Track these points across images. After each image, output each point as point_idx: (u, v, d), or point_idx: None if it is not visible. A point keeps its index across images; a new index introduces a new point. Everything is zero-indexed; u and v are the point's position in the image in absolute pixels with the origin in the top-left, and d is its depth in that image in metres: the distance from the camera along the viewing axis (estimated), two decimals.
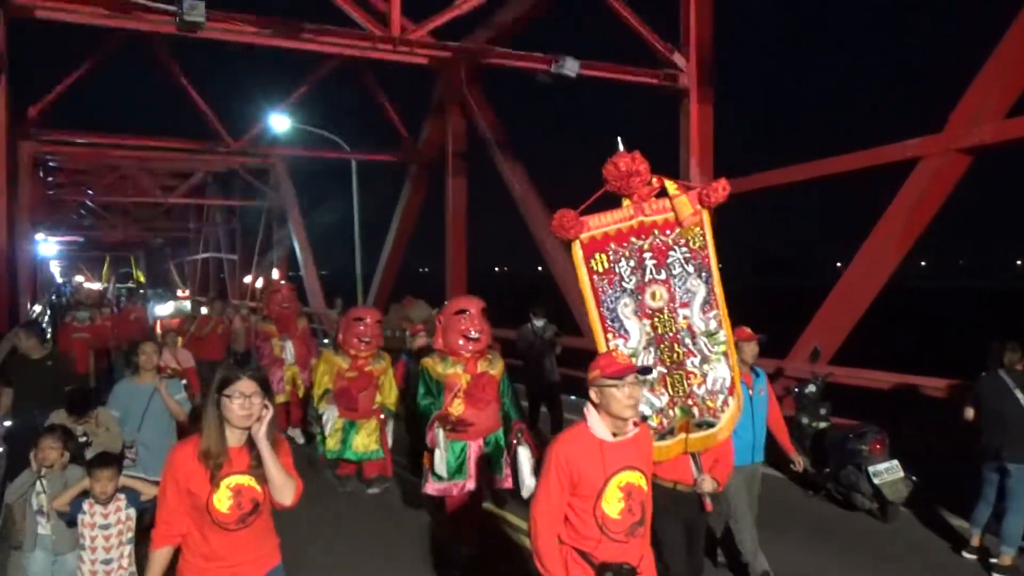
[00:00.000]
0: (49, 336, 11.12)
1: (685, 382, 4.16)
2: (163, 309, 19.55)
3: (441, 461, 5.67)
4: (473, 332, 5.85)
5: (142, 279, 50.55)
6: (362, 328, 7.62)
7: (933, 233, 9.21)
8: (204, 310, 13.51)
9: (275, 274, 28.44)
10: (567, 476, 3.19)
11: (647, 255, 4.14)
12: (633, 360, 3.80)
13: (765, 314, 8.89)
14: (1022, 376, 5.97)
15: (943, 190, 8.45)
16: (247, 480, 3.06)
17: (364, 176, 21.33)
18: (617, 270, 4.11)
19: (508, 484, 6.01)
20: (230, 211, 36.79)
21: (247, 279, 31.91)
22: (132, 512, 4.53)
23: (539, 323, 9.65)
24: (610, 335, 4.08)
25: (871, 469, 6.88)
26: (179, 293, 28.65)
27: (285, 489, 3.07)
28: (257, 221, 32.26)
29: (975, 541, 6.11)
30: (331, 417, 7.41)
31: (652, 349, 4.14)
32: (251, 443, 3.06)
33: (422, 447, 6.00)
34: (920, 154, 8.34)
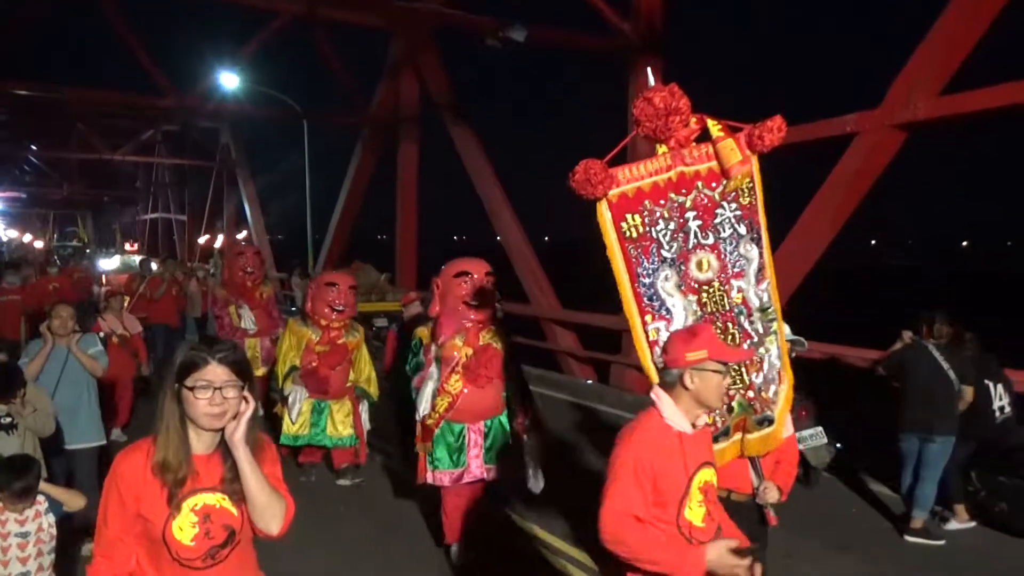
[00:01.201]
0: None
1: (743, 371, 3.44)
2: (109, 264, 18.92)
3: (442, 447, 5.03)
4: (476, 298, 5.00)
5: (86, 238, 49.34)
6: (334, 294, 6.57)
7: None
8: (155, 267, 12.43)
9: (241, 235, 27.42)
10: (649, 480, 2.64)
11: (690, 215, 3.38)
12: None
13: None
14: (948, 349, 6.00)
15: (878, 165, 8.60)
16: (218, 500, 2.24)
17: (319, 142, 21.08)
18: (654, 235, 3.34)
19: (490, 475, 5.14)
20: (180, 171, 36.13)
21: (202, 239, 31.31)
22: (52, 519, 3.80)
23: None
24: (648, 317, 3.34)
25: (796, 435, 7.02)
26: (127, 247, 27.63)
27: (270, 511, 2.25)
28: (207, 182, 31.77)
29: (916, 523, 5.97)
30: (299, 398, 6.46)
31: None
32: (225, 449, 2.23)
33: (412, 430, 5.26)
34: (857, 129, 8.45)
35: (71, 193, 43.66)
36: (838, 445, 7.18)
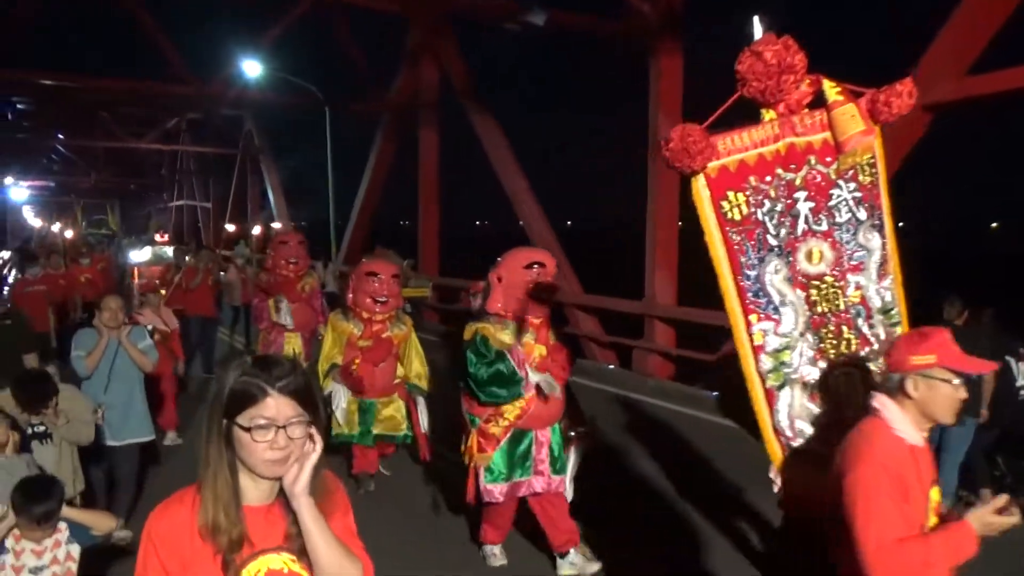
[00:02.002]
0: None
1: None
2: (139, 255, 18.89)
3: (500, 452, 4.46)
4: (546, 292, 4.48)
5: (115, 227, 49.93)
6: (376, 285, 5.99)
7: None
8: (189, 259, 12.34)
9: (276, 224, 27.17)
10: (902, 496, 2.24)
11: (800, 195, 2.88)
12: (786, 356, 2.80)
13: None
14: (961, 331, 5.88)
15: (904, 147, 8.48)
16: (285, 562, 1.74)
17: (341, 129, 21.12)
18: (760, 217, 2.85)
19: (562, 488, 4.64)
20: (204, 159, 36.41)
21: (229, 227, 31.46)
22: (75, 550, 3.30)
23: None
24: (754, 317, 2.86)
25: None
26: (157, 238, 27.57)
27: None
28: (231, 169, 31.99)
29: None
30: (341, 398, 5.97)
31: (810, 336, 2.90)
32: (285, 498, 1.74)
33: (465, 434, 4.70)
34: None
35: (98, 182, 44.12)
36: None
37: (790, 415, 2.92)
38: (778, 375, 2.90)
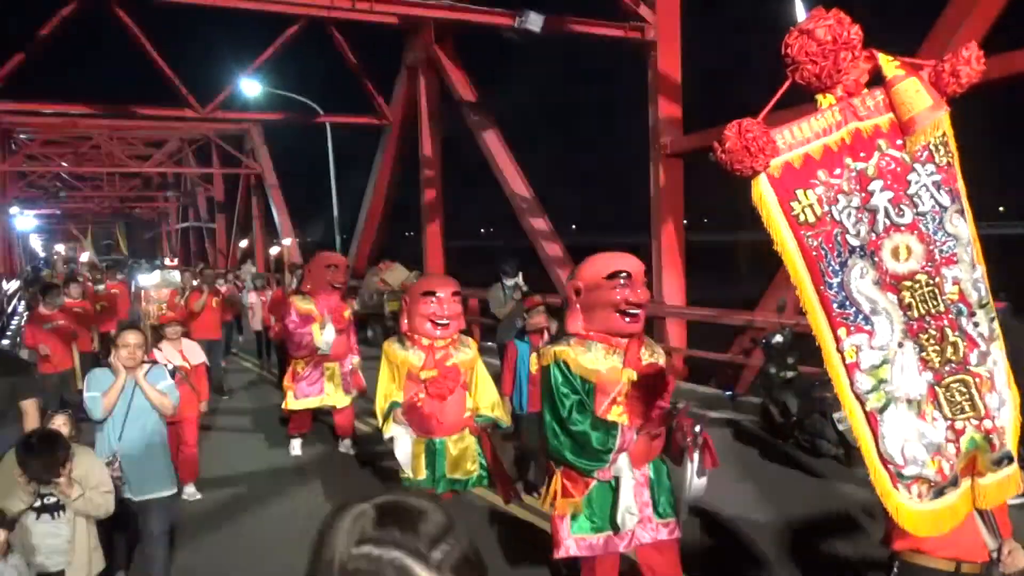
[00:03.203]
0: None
1: (974, 392, 2.62)
2: (148, 279, 18.93)
3: (629, 498, 3.69)
4: (634, 305, 3.80)
5: (125, 250, 50.07)
6: (435, 306, 5.10)
7: None
8: (195, 282, 12.22)
9: (287, 241, 26.45)
10: None
11: (876, 185, 2.58)
12: (885, 371, 2.52)
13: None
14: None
15: None
16: None
17: (343, 143, 21.16)
18: (836, 216, 2.56)
19: (674, 533, 3.87)
20: (208, 180, 36.49)
21: (243, 243, 31.38)
22: None
23: (510, 282, 9.23)
24: (843, 331, 2.55)
25: (836, 416, 6.95)
26: (166, 261, 27.43)
27: None
28: (235, 188, 32.06)
29: None
30: (407, 441, 5.08)
31: (910, 345, 2.59)
32: None
33: (545, 473, 4.08)
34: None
35: (103, 207, 44.27)
36: None
37: (899, 439, 2.59)
38: (879, 395, 2.57)
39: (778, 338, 8.29)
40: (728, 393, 9.03)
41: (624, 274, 3.77)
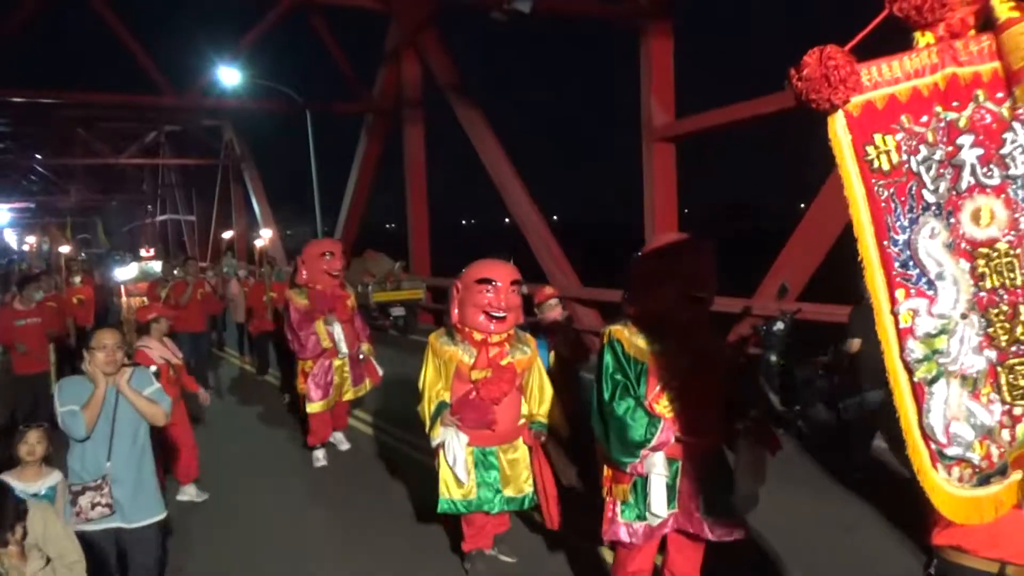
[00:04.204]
0: None
1: None
2: (125, 273, 18.43)
3: (660, 496, 3.47)
4: (697, 286, 3.51)
5: (106, 243, 49.40)
6: (490, 296, 4.43)
7: None
8: (177, 272, 11.83)
9: (267, 233, 25.72)
10: None
11: (965, 140, 2.33)
12: (942, 342, 2.32)
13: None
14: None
15: None
16: None
17: (325, 132, 20.78)
18: (914, 167, 2.33)
19: (733, 535, 3.63)
20: (185, 171, 35.98)
21: (226, 235, 30.86)
22: None
23: None
24: (900, 292, 2.34)
25: (841, 405, 6.76)
26: (143, 252, 26.85)
27: None
28: (213, 180, 31.59)
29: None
30: (459, 450, 4.42)
31: (975, 319, 2.38)
32: None
33: (592, 472, 3.86)
34: None
35: (79, 200, 43.55)
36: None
37: (945, 416, 2.38)
38: (930, 365, 2.37)
39: (779, 325, 8.08)
40: (730, 380, 8.80)
41: (686, 254, 3.59)
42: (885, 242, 2.33)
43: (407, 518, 5.68)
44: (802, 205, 9.60)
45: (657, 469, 3.44)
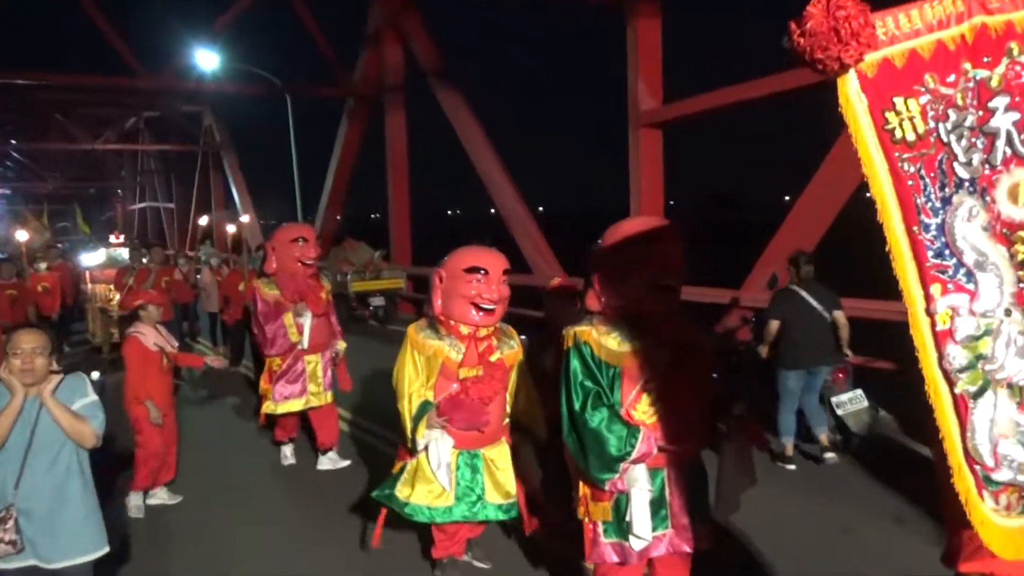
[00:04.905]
0: None
1: None
2: (92, 259, 17.93)
3: (643, 515, 3.10)
4: (670, 277, 3.15)
5: (87, 230, 48.57)
6: (481, 285, 4.03)
7: None
8: (145, 260, 11.41)
9: (244, 218, 24.93)
10: None
11: (999, 101, 1.97)
12: (985, 345, 1.99)
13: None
14: (813, 286, 6.19)
15: None
16: None
17: (305, 118, 20.37)
18: (943, 136, 1.98)
19: (708, 543, 3.31)
20: (164, 158, 35.39)
21: (202, 221, 30.20)
22: None
23: None
24: (937, 287, 1.99)
25: (834, 400, 6.48)
26: (112, 239, 26.22)
27: None
28: (193, 167, 31.05)
29: (790, 450, 6.32)
30: (444, 453, 4.02)
31: (1018, 315, 2.03)
32: None
33: (575, 480, 3.36)
34: None
35: (57, 187, 42.88)
36: (878, 408, 6.67)
37: (992, 434, 2.03)
38: (975, 375, 2.03)
39: None
40: (712, 376, 8.52)
41: (658, 239, 3.14)
42: (915, 228, 1.97)
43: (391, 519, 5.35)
44: (787, 198, 9.34)
45: (639, 484, 3.07)
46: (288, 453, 6.62)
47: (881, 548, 4.75)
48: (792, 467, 6.22)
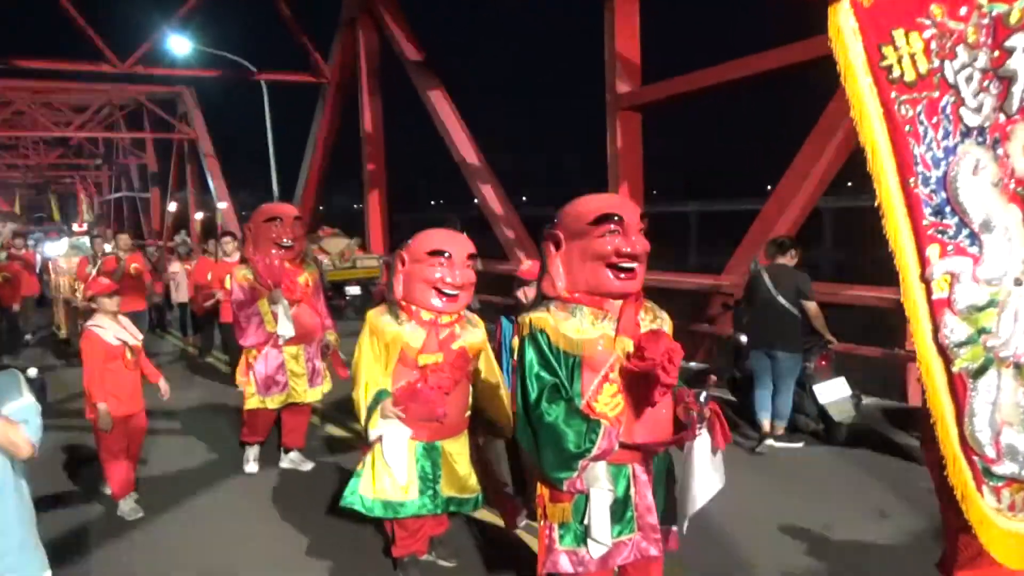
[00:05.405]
0: None
1: None
2: (54, 248, 17.46)
3: (602, 517, 2.87)
4: (630, 256, 2.88)
5: (57, 218, 47.91)
6: (443, 271, 3.82)
7: None
8: (108, 248, 11.01)
9: (222, 205, 23.77)
10: None
11: (1017, 40, 1.75)
12: (990, 318, 1.77)
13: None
14: (779, 270, 6.20)
15: None
16: None
17: (281, 105, 20.02)
18: (949, 77, 1.76)
19: (674, 543, 3.10)
20: (140, 146, 34.83)
21: (171, 207, 29.51)
22: None
23: None
24: (935, 249, 1.76)
25: (816, 388, 6.30)
26: (75, 227, 25.55)
27: None
28: (168, 156, 30.59)
29: (767, 426, 6.30)
30: (400, 444, 3.83)
31: None
32: None
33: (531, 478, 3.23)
34: None
35: (31, 176, 42.17)
36: (861, 397, 6.50)
37: (994, 420, 1.77)
38: (975, 351, 1.79)
39: None
40: (692, 365, 8.33)
41: (614, 219, 2.86)
42: (912, 180, 1.72)
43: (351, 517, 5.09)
44: (768, 187, 9.16)
45: (600, 484, 2.82)
46: (252, 458, 6.05)
47: (863, 544, 4.56)
48: (771, 441, 6.20)
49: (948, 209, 1.75)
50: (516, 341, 2.99)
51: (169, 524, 5.15)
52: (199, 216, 12.36)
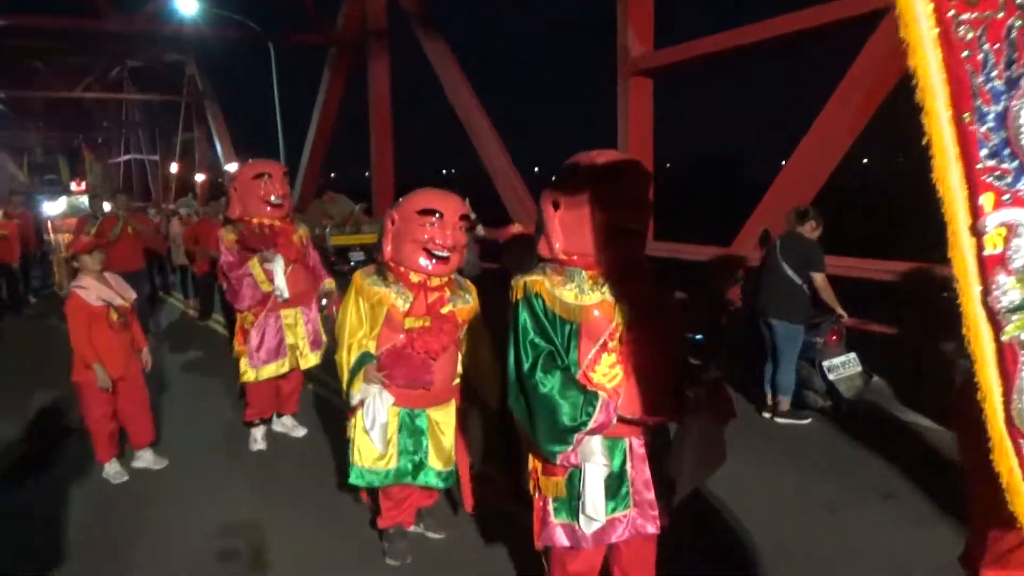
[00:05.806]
0: None
1: None
2: (53, 208, 17.26)
3: (597, 493, 2.72)
4: (630, 219, 2.69)
5: (67, 180, 47.77)
6: (433, 228, 3.64)
7: None
8: (108, 207, 10.90)
9: (231, 166, 23.57)
10: None
11: None
12: None
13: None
14: (791, 241, 6.03)
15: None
16: None
17: (289, 68, 19.78)
18: (1007, 22, 1.46)
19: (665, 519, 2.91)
20: (148, 109, 34.68)
21: (173, 168, 29.33)
22: None
23: None
24: (989, 197, 1.49)
25: (825, 364, 6.11)
26: (73, 187, 25.28)
27: None
28: (177, 118, 30.42)
29: (769, 399, 6.24)
30: (380, 410, 3.67)
31: None
32: None
33: (525, 450, 2.94)
34: (888, 4, 7.27)
35: (40, 138, 41.99)
36: (871, 373, 6.31)
37: None
38: None
39: None
40: (698, 337, 8.12)
41: (616, 172, 2.67)
42: (966, 115, 1.44)
43: (339, 485, 4.96)
44: (783, 162, 8.87)
45: (595, 458, 2.65)
46: (259, 437, 5.74)
47: (868, 523, 4.39)
48: (776, 418, 6.13)
49: (1007, 152, 1.47)
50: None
51: (164, 488, 5.04)
52: (199, 178, 12.19)
